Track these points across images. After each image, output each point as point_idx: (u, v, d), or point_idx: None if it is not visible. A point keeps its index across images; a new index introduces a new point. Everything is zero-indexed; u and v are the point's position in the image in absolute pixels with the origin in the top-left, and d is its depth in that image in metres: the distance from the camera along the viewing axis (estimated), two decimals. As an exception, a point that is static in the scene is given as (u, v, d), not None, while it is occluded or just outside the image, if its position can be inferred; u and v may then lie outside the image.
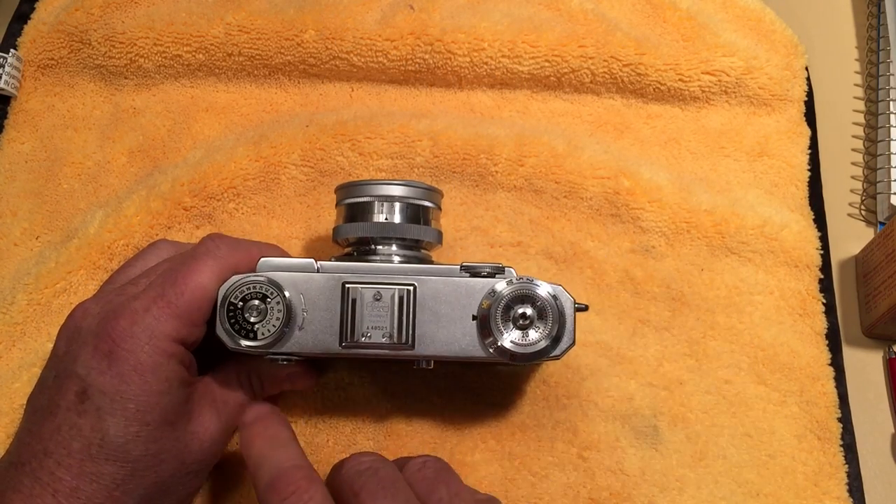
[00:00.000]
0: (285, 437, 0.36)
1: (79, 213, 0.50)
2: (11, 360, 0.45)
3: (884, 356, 0.49)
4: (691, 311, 0.47)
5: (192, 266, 0.36)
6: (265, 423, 0.37)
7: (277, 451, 0.35)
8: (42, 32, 0.54)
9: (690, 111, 0.53)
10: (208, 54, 0.53)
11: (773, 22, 0.55)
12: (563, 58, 0.52)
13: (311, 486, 0.32)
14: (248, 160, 0.49)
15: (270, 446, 0.35)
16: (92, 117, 0.54)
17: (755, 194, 0.51)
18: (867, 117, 0.56)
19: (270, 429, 0.36)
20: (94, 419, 0.33)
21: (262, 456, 0.34)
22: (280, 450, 0.35)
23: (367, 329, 0.37)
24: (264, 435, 0.36)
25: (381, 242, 0.40)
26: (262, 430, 0.36)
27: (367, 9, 0.53)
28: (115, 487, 0.33)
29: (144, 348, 0.34)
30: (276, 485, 0.32)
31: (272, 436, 0.36)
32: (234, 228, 0.49)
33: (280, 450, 0.35)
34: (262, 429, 0.36)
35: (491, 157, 0.49)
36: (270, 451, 0.35)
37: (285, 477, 0.32)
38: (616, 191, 0.49)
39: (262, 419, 0.37)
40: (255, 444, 0.35)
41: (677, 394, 0.45)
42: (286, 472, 0.33)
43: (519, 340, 0.37)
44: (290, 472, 0.33)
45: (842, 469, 0.44)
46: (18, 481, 0.33)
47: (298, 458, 0.34)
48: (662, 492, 0.43)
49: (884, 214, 0.52)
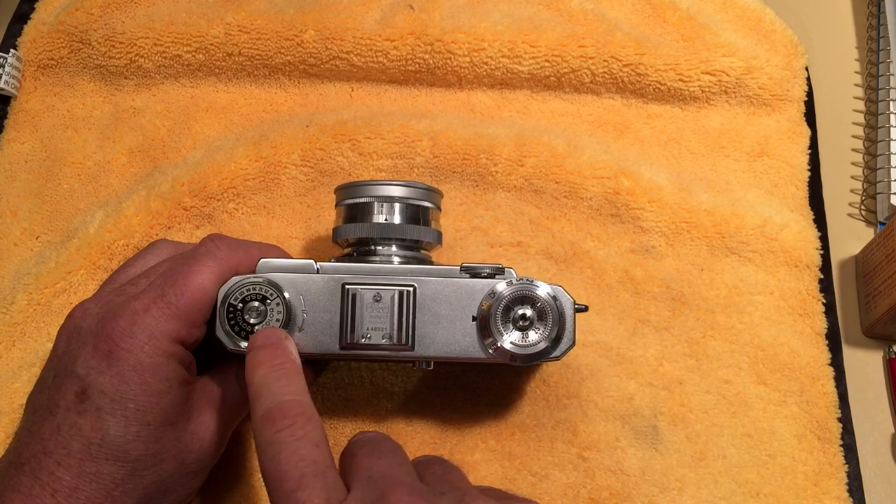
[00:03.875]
0: (291, 368, 0.34)
1: (79, 213, 0.50)
2: (11, 360, 0.45)
3: (884, 356, 0.49)
4: (691, 311, 0.47)
5: (192, 266, 0.36)
6: (273, 351, 0.35)
7: (280, 381, 0.33)
8: (42, 32, 0.54)
9: (690, 111, 0.53)
10: (208, 54, 0.53)
11: (773, 22, 0.55)
12: (563, 58, 0.52)
13: (308, 424, 0.31)
14: (248, 160, 0.49)
15: (275, 376, 0.33)
16: (92, 117, 0.54)
17: (755, 194, 0.51)
18: (867, 117, 0.56)
19: (277, 357, 0.35)
20: (93, 419, 0.33)
21: (264, 384, 0.33)
22: (283, 381, 0.33)
23: (367, 330, 0.37)
24: (269, 363, 0.34)
25: (380, 243, 0.40)
26: (268, 357, 0.34)
27: (367, 9, 0.53)
28: (114, 487, 0.33)
29: (144, 348, 0.34)
30: (272, 415, 0.31)
31: (278, 365, 0.34)
32: (234, 228, 0.49)
33: (283, 381, 0.33)
34: (268, 356, 0.35)
35: (491, 157, 0.49)
36: (273, 381, 0.33)
37: (283, 409, 0.31)
38: (616, 191, 0.49)
39: (270, 346, 0.35)
40: (258, 371, 0.34)
41: (677, 394, 0.45)
42: (285, 404, 0.32)
43: (519, 341, 0.37)
44: (289, 405, 0.32)
45: (842, 469, 0.44)
46: (18, 481, 0.33)
47: (300, 392, 0.33)
48: (662, 492, 0.43)
49: (884, 214, 0.52)
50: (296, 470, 0.30)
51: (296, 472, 0.29)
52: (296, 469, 0.30)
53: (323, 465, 0.30)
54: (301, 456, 0.30)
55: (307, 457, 0.30)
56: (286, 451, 0.30)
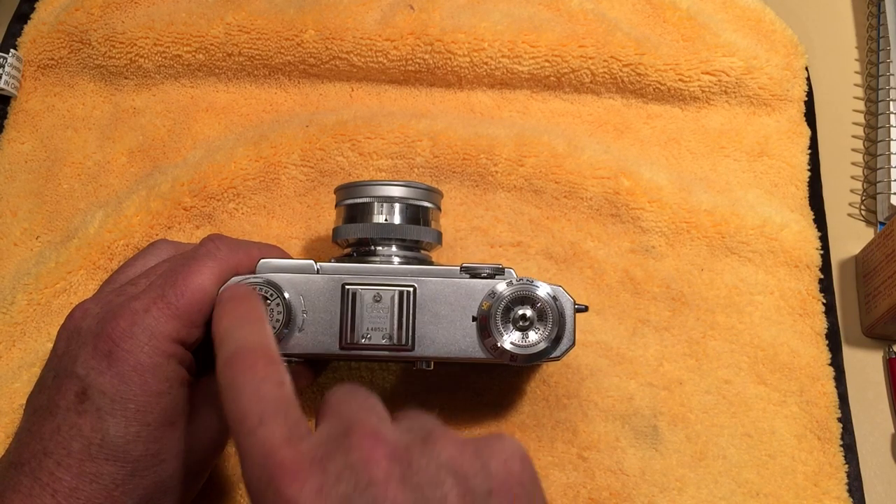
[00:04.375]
0: (255, 316, 0.34)
1: (79, 213, 0.50)
2: (11, 360, 0.45)
3: (884, 356, 0.49)
4: (691, 311, 0.47)
5: (192, 267, 0.36)
6: (238, 302, 0.35)
7: (243, 329, 0.33)
8: (42, 32, 0.54)
9: (690, 111, 0.53)
10: (208, 54, 0.53)
11: (773, 22, 0.55)
12: (563, 58, 0.52)
13: (269, 366, 0.31)
14: (248, 160, 0.49)
15: (238, 324, 0.33)
16: (92, 117, 0.54)
17: (755, 194, 0.51)
18: (867, 117, 0.56)
19: (242, 307, 0.34)
20: (93, 419, 0.33)
21: (227, 333, 0.32)
22: (245, 328, 0.33)
23: (367, 330, 0.37)
24: (234, 313, 0.34)
25: (380, 243, 0.40)
26: (232, 308, 0.34)
27: (367, 9, 0.53)
28: (114, 487, 0.33)
29: (144, 349, 0.34)
30: (233, 360, 0.31)
31: (241, 315, 0.34)
32: (234, 228, 0.49)
33: (245, 328, 0.33)
34: (233, 307, 0.34)
35: (491, 157, 0.49)
36: (236, 329, 0.33)
37: (244, 353, 0.31)
38: (616, 191, 0.49)
39: (236, 297, 0.35)
40: (222, 322, 0.33)
41: (677, 394, 0.45)
42: (247, 349, 0.31)
43: (519, 342, 0.37)
44: (251, 350, 0.31)
45: (842, 469, 0.44)
46: (18, 481, 0.33)
47: (263, 338, 0.32)
48: (662, 492, 0.43)
49: (884, 214, 0.52)
50: (256, 408, 0.29)
51: (256, 410, 0.29)
52: (256, 407, 0.29)
53: (284, 403, 0.29)
54: (262, 395, 0.29)
55: (268, 395, 0.29)
56: (247, 391, 0.30)
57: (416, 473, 0.27)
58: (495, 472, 0.28)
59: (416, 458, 0.28)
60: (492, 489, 0.27)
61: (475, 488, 0.27)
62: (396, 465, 0.27)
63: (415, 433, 0.30)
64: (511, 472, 0.28)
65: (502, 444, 0.29)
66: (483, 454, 0.29)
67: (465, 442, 0.29)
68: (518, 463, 0.29)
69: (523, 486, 0.28)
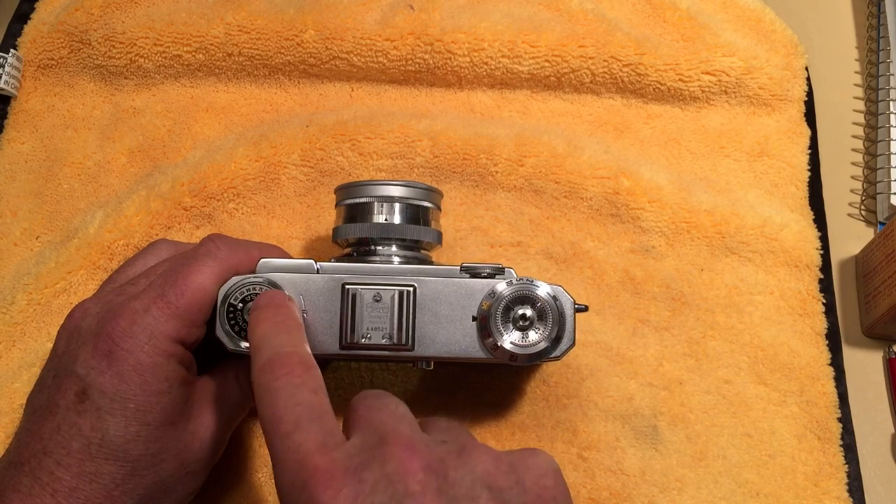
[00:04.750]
0: (292, 324, 0.35)
1: (79, 213, 0.50)
2: (11, 360, 0.45)
3: (884, 356, 0.49)
4: (691, 311, 0.47)
5: (193, 266, 0.36)
6: (275, 309, 0.35)
7: (280, 335, 0.33)
8: (42, 32, 0.54)
9: (690, 111, 0.53)
10: (208, 54, 0.53)
11: (773, 22, 0.55)
12: (563, 58, 0.52)
13: (306, 372, 0.31)
14: (248, 160, 0.49)
15: (275, 331, 0.34)
16: (92, 117, 0.54)
17: (755, 194, 0.51)
18: (867, 117, 0.56)
19: (279, 315, 0.35)
20: (93, 419, 0.33)
21: (264, 339, 0.33)
22: (283, 335, 0.33)
23: (367, 330, 0.37)
24: (272, 320, 0.34)
25: (380, 243, 0.40)
26: (270, 314, 0.35)
27: (367, 9, 0.53)
28: (114, 487, 0.33)
29: (144, 348, 0.34)
30: (271, 365, 0.31)
31: (279, 322, 0.34)
32: (234, 228, 0.49)
33: (283, 335, 0.33)
34: (270, 313, 0.35)
35: (491, 157, 0.49)
36: (273, 335, 0.33)
37: (281, 359, 0.31)
38: (616, 191, 0.49)
39: (273, 305, 0.36)
40: (259, 327, 0.34)
41: (677, 394, 0.45)
42: (283, 355, 0.32)
43: (519, 341, 0.37)
44: (287, 355, 0.32)
45: (842, 469, 0.44)
46: (18, 481, 0.33)
47: (300, 345, 0.33)
48: (662, 492, 0.43)
49: (884, 214, 0.52)
50: (292, 413, 0.29)
51: (292, 415, 0.29)
52: (292, 413, 0.29)
53: (320, 410, 0.30)
54: (298, 401, 0.30)
55: (304, 401, 0.30)
56: (283, 396, 0.30)
57: (452, 486, 0.27)
58: (529, 488, 0.28)
59: (451, 470, 0.28)
60: None
61: (510, 502, 0.28)
62: (433, 477, 0.27)
63: (449, 445, 0.30)
64: (545, 487, 0.29)
65: (536, 459, 0.30)
66: (518, 469, 0.29)
67: (500, 456, 0.29)
68: (552, 479, 0.29)
69: (556, 502, 0.29)
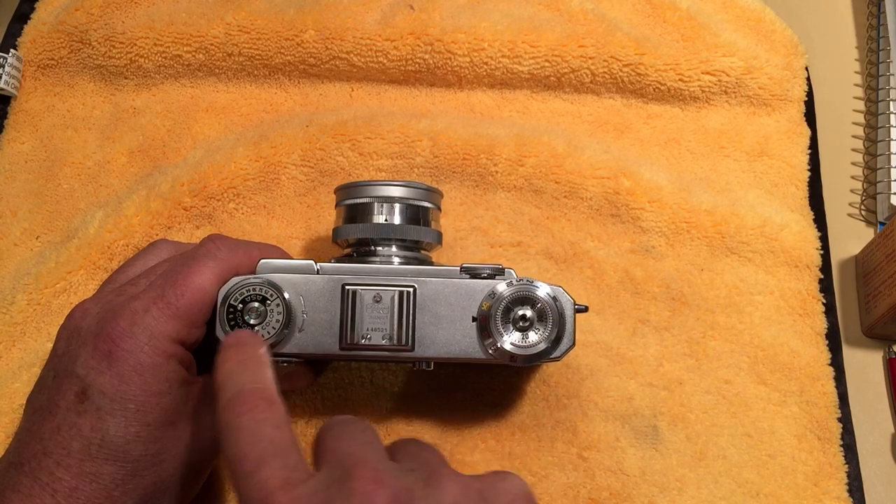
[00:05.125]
0: (257, 361, 0.34)
1: (79, 213, 0.50)
2: (11, 360, 0.45)
3: (884, 356, 0.49)
4: (691, 311, 0.47)
5: (193, 267, 0.36)
6: (241, 347, 0.35)
7: (244, 373, 0.33)
8: (42, 32, 0.54)
9: (690, 111, 0.53)
10: (208, 54, 0.53)
11: (773, 22, 0.55)
12: (563, 58, 0.52)
13: (269, 408, 0.31)
14: (248, 160, 0.49)
15: (239, 369, 0.33)
16: (92, 117, 0.54)
17: (755, 194, 0.51)
18: (867, 117, 0.56)
19: (244, 353, 0.34)
20: (93, 419, 0.33)
21: (228, 377, 0.33)
22: (247, 373, 0.33)
23: (367, 331, 0.37)
24: (235, 358, 0.34)
25: (380, 243, 0.40)
26: (235, 354, 0.34)
27: (367, 9, 0.53)
28: (114, 487, 0.33)
29: (144, 348, 0.34)
30: (233, 402, 0.31)
31: (244, 360, 0.34)
32: (234, 228, 0.49)
33: (247, 373, 0.33)
34: (236, 352, 0.34)
35: (491, 157, 0.49)
36: (237, 373, 0.33)
37: (243, 395, 0.31)
38: (616, 191, 0.49)
39: (238, 344, 0.35)
40: (224, 367, 0.33)
41: (677, 394, 0.45)
42: (245, 391, 0.31)
43: (519, 342, 0.37)
44: (250, 392, 0.31)
45: (842, 469, 0.44)
46: (18, 481, 0.33)
47: (263, 381, 0.32)
48: (662, 492, 0.43)
49: (884, 214, 0.52)
50: (255, 450, 0.29)
51: (255, 452, 0.29)
52: (255, 450, 0.29)
53: (283, 445, 0.29)
54: (260, 437, 0.29)
55: (266, 437, 0.29)
56: (245, 433, 0.30)
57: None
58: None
59: (419, 501, 0.28)
60: None
61: None
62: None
63: (417, 473, 0.29)
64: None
65: (505, 484, 0.29)
66: (487, 497, 0.28)
67: (469, 483, 0.29)
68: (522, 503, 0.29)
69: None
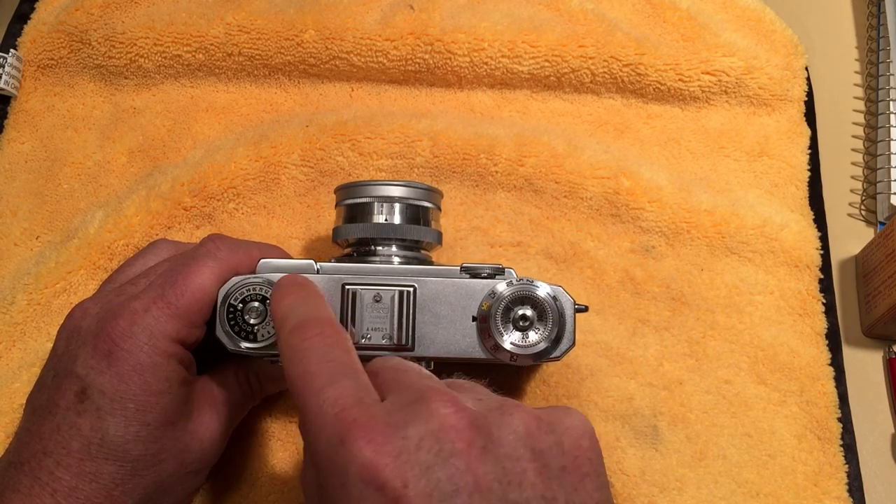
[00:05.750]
0: (318, 296, 0.34)
1: (79, 213, 0.50)
2: (11, 360, 0.45)
3: (884, 356, 0.49)
4: (691, 311, 0.47)
5: (193, 267, 0.36)
6: (299, 285, 0.35)
7: (308, 304, 0.33)
8: (42, 32, 0.54)
9: (690, 111, 0.53)
10: (208, 54, 0.53)
11: (773, 22, 0.55)
12: (563, 58, 0.52)
13: (337, 334, 0.31)
14: (248, 160, 0.49)
15: (301, 301, 0.33)
16: (92, 117, 0.54)
17: (755, 194, 0.51)
18: (867, 117, 0.56)
19: (303, 289, 0.34)
20: (93, 419, 0.33)
21: (290, 309, 0.33)
22: (310, 303, 0.33)
23: (367, 330, 0.37)
24: (297, 293, 0.34)
25: (380, 243, 0.40)
26: (294, 289, 0.34)
27: (367, 9, 0.53)
28: (114, 487, 0.33)
29: (144, 348, 0.34)
30: (301, 328, 0.31)
31: (305, 294, 0.34)
32: (234, 228, 0.49)
33: (310, 303, 0.33)
34: (294, 288, 0.34)
35: (491, 157, 0.49)
36: (301, 305, 0.33)
37: (310, 322, 0.31)
38: (616, 191, 0.49)
39: (296, 282, 0.35)
40: (284, 301, 0.33)
41: (677, 394, 0.45)
42: (313, 319, 0.31)
43: (519, 342, 0.37)
44: (317, 319, 0.31)
45: (842, 469, 0.44)
46: (17, 481, 0.33)
47: (328, 313, 0.33)
48: (662, 492, 0.43)
49: (884, 214, 0.52)
50: (326, 368, 0.29)
51: (326, 370, 0.29)
52: (326, 368, 0.29)
53: (354, 368, 0.29)
54: (331, 357, 0.29)
55: (337, 358, 0.30)
56: (315, 353, 0.30)
57: (497, 445, 0.27)
58: (568, 449, 0.28)
59: (495, 429, 0.28)
60: (565, 466, 0.28)
61: (550, 463, 0.28)
62: (478, 435, 0.27)
63: (486, 402, 0.29)
64: (581, 448, 0.29)
65: (572, 420, 0.30)
66: (557, 430, 0.29)
67: (539, 415, 0.29)
68: (588, 440, 0.29)
69: (591, 463, 0.29)
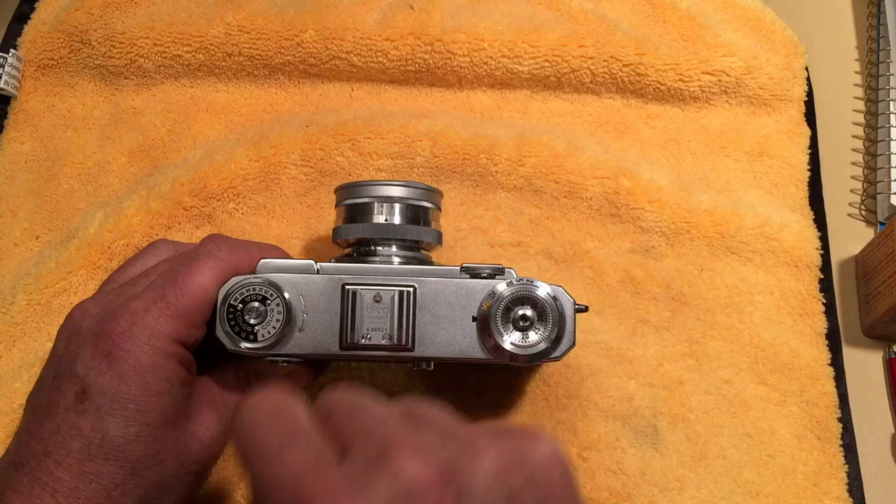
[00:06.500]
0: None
1: (79, 213, 0.50)
2: (11, 360, 0.45)
3: (884, 356, 0.49)
4: (691, 311, 0.47)
5: (193, 267, 0.36)
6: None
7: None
8: (42, 32, 0.54)
9: (690, 111, 0.53)
10: (208, 54, 0.53)
11: (773, 22, 0.55)
12: (563, 58, 0.52)
13: (287, 399, 0.28)
14: (248, 160, 0.49)
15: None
16: (92, 117, 0.54)
17: (755, 194, 0.51)
18: (867, 117, 0.56)
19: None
20: (93, 419, 0.33)
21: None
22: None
23: (367, 331, 0.37)
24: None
25: (380, 243, 0.40)
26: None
27: (367, 9, 0.53)
28: (114, 487, 0.33)
29: (144, 348, 0.34)
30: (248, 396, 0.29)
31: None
32: (234, 228, 0.49)
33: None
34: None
35: (491, 157, 0.49)
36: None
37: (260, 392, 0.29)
38: (616, 191, 0.49)
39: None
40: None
41: (677, 394, 0.45)
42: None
43: (519, 342, 0.37)
44: (267, 387, 0.29)
45: (842, 469, 0.44)
46: (17, 481, 0.33)
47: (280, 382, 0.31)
48: (662, 492, 0.43)
49: (884, 214, 0.52)
50: (275, 434, 0.27)
51: (275, 436, 0.27)
52: (275, 434, 0.27)
53: (306, 431, 0.27)
54: (280, 422, 0.27)
55: (287, 423, 0.27)
56: (264, 420, 0.27)
57: (470, 495, 0.26)
58: (540, 483, 0.27)
59: (465, 475, 0.26)
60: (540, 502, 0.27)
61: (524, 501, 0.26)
62: (449, 488, 0.25)
63: (453, 442, 0.28)
64: (553, 481, 0.27)
65: (543, 449, 0.28)
66: (528, 463, 0.27)
67: (509, 449, 0.28)
68: (558, 469, 0.28)
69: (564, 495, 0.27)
